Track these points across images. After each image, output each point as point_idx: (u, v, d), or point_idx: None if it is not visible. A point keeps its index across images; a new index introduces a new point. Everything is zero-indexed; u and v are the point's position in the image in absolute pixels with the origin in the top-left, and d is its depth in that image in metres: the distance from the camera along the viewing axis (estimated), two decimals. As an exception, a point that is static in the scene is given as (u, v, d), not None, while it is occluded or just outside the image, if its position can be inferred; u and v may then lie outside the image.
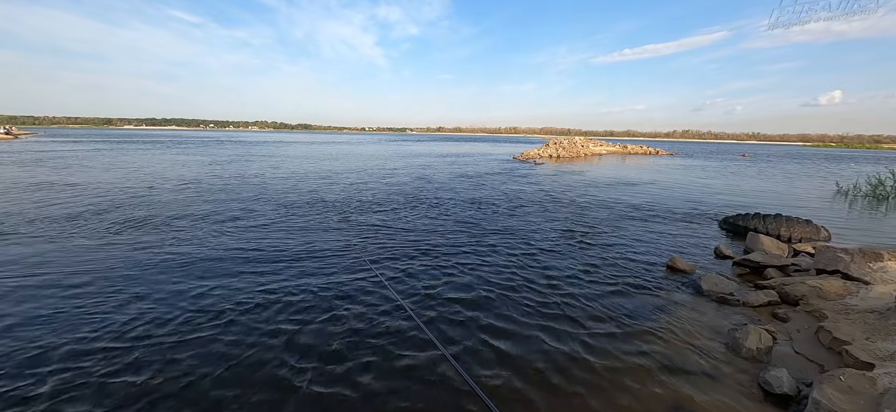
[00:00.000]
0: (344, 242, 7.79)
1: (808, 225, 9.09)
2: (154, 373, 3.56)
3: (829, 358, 4.10)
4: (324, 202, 12.06)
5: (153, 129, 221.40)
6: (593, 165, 29.08)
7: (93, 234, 7.80)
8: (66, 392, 3.27)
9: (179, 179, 16.27)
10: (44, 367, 3.58)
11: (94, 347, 3.92)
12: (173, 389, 3.36)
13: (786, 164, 39.85)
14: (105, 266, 6.13)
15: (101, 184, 14.35)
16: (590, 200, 13.52)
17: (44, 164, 20.41)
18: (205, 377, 3.51)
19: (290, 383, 3.48)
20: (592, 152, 41.89)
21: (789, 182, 22.43)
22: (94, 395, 3.24)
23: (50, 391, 3.27)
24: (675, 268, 6.70)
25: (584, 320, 4.80)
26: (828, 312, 4.85)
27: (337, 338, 4.22)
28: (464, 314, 4.85)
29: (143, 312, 4.65)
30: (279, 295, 5.23)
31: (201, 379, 3.49)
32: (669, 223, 10.38)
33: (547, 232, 9.03)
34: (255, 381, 3.49)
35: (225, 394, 3.32)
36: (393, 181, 17.66)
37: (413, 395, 3.37)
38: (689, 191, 17.08)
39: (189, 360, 3.75)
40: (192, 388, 3.38)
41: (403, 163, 27.70)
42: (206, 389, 3.36)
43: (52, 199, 11.22)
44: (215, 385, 3.42)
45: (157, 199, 11.75)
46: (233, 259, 6.60)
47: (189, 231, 8.26)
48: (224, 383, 3.45)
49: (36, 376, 3.46)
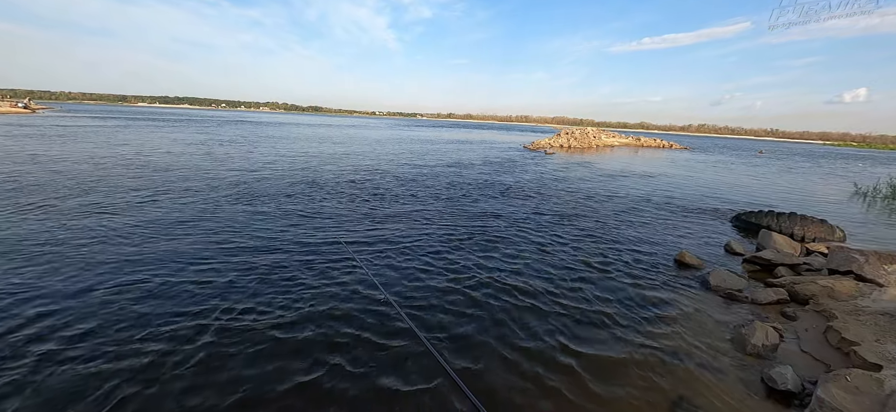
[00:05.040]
0: (333, 237, 7.89)
1: (823, 224, 8.93)
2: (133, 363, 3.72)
3: (837, 358, 4.10)
4: (321, 186, 12.18)
5: (166, 107, 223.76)
6: (605, 157, 28.71)
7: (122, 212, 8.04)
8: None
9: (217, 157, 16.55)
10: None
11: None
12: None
13: (804, 162, 38.84)
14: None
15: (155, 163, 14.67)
16: (600, 192, 13.42)
17: (73, 140, 20.87)
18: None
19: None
20: (604, 143, 41.29)
21: (806, 181, 21.91)
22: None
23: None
24: (683, 262, 6.67)
25: (589, 310, 4.85)
26: (838, 313, 4.82)
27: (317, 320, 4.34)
28: (465, 303, 4.93)
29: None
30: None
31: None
32: (680, 217, 10.28)
33: (555, 221, 9.03)
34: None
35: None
36: (400, 167, 17.69)
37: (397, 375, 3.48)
38: (701, 186, 16.81)
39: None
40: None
41: (413, 149, 27.69)
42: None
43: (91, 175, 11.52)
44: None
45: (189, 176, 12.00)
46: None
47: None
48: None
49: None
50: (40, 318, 3.94)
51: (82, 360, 3.37)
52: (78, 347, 3.54)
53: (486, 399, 3.21)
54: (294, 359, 3.58)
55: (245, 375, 3.34)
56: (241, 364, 3.47)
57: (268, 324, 4.11)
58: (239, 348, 3.68)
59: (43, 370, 3.22)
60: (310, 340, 3.88)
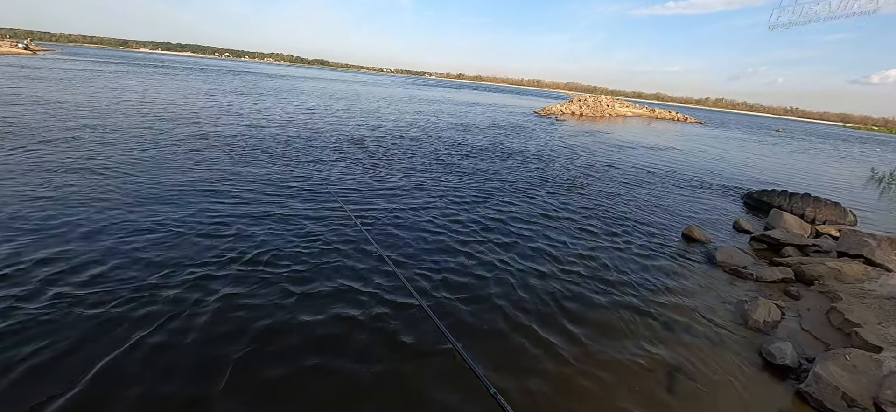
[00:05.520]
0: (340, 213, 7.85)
1: (836, 207, 8.77)
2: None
3: (837, 338, 4.13)
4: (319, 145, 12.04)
5: (169, 53, 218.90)
6: (617, 126, 28.04)
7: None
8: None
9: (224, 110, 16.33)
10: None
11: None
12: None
13: (821, 143, 37.83)
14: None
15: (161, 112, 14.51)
16: (610, 162, 13.19)
17: (90, 82, 20.57)
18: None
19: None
20: (617, 113, 40.19)
21: (822, 163, 21.41)
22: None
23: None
24: (691, 237, 6.63)
25: (592, 276, 4.88)
26: (843, 294, 4.81)
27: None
28: (464, 265, 4.96)
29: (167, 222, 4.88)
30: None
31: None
32: (690, 192, 10.14)
33: (562, 189, 8.93)
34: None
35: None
36: (405, 128, 17.38)
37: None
38: (714, 162, 16.48)
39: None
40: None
41: (421, 109, 27.12)
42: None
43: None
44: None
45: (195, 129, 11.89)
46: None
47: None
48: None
49: (77, 278, 3.74)
50: (48, 262, 4.01)
51: (94, 304, 3.46)
52: (89, 290, 3.63)
53: (488, 363, 3.29)
54: (300, 308, 3.65)
55: (256, 323, 3.42)
56: (250, 311, 3.55)
57: (275, 273, 4.17)
58: (246, 294, 3.76)
59: (56, 310, 3.31)
60: (313, 292, 3.95)
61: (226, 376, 2.82)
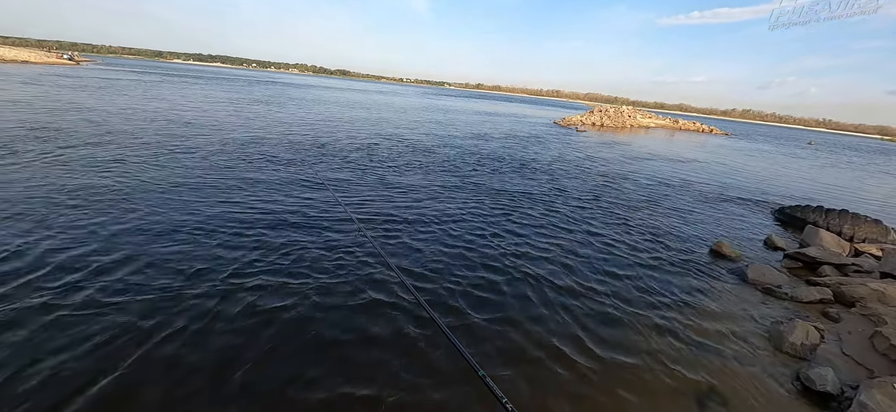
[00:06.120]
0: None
1: (877, 225, 8.30)
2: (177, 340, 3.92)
3: (883, 364, 3.88)
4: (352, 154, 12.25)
5: (200, 64, 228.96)
6: (639, 137, 27.48)
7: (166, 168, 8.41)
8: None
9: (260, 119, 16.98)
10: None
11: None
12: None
13: (859, 157, 35.93)
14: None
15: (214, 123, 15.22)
16: (632, 173, 12.92)
17: (123, 93, 21.79)
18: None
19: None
20: (639, 124, 39.41)
21: (859, 178, 20.32)
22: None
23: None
24: (720, 253, 6.41)
25: (619, 296, 4.76)
26: (888, 318, 4.53)
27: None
28: (484, 280, 4.92)
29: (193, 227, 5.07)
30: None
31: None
32: (717, 206, 9.80)
33: (584, 202, 8.80)
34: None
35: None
36: (428, 138, 17.54)
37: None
38: (742, 175, 15.90)
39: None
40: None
41: (439, 118, 27.35)
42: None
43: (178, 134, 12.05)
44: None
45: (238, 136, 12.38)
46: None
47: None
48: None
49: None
50: (72, 264, 4.22)
51: (115, 307, 3.62)
52: (113, 293, 3.80)
53: (507, 386, 3.26)
54: (314, 320, 3.72)
55: (266, 332, 3.50)
56: (269, 316, 3.64)
57: (297, 283, 4.26)
58: (246, 309, 3.85)
59: (85, 309, 3.48)
60: (319, 304, 4.01)
61: (241, 379, 2.89)
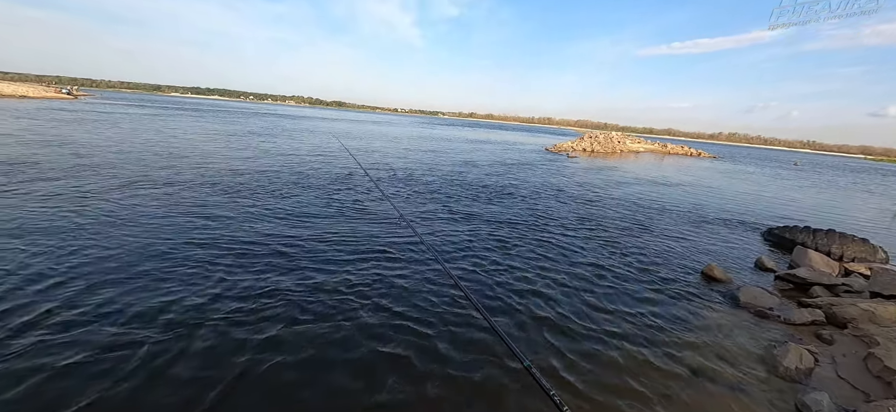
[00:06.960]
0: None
1: (865, 244, 8.40)
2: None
3: (877, 387, 3.84)
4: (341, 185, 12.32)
5: (198, 97, 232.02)
6: (629, 162, 27.96)
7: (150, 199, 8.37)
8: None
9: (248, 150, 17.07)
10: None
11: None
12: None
13: (843, 176, 36.78)
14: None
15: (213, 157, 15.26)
16: (623, 198, 13.06)
17: (117, 126, 21.92)
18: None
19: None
20: (629, 149, 40.21)
21: (845, 197, 20.73)
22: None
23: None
24: (711, 276, 6.41)
25: (609, 323, 4.70)
26: (880, 338, 4.51)
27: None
28: (476, 322, 4.87)
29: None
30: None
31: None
32: (707, 229, 9.89)
33: (575, 228, 8.83)
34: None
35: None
36: (412, 166, 17.72)
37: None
38: (731, 197, 16.14)
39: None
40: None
41: (432, 147, 27.71)
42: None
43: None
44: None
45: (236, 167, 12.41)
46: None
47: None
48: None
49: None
50: (54, 291, 4.13)
51: (110, 330, 3.51)
52: (102, 318, 3.69)
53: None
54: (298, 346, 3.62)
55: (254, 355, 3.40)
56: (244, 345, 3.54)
57: (282, 313, 4.18)
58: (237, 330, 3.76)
59: (59, 339, 3.37)
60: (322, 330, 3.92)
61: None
